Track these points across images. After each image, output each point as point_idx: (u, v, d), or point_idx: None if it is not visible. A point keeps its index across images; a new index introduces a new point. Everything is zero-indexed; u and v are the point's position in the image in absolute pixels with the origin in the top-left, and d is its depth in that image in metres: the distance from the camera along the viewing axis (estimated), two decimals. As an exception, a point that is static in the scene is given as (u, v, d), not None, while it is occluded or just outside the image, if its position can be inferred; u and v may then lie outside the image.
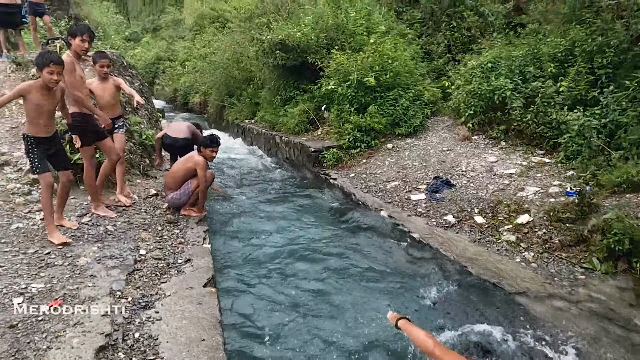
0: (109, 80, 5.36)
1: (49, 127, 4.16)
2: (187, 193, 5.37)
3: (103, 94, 5.31)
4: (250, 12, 11.46)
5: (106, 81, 5.33)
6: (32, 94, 3.96)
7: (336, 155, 7.89)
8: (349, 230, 5.69)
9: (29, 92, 3.94)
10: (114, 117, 5.40)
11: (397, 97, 8.04)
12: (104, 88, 5.31)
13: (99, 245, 4.23)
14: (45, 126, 4.12)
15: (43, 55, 3.97)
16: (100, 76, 5.27)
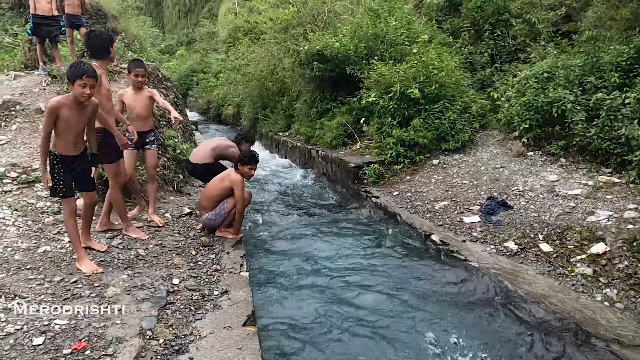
0: (144, 90, 5.08)
1: (78, 145, 3.86)
2: (223, 214, 5.01)
3: (135, 105, 5.02)
4: (286, 23, 11.19)
5: (140, 92, 5.05)
6: (62, 110, 3.67)
7: (377, 172, 7.42)
8: (396, 255, 5.21)
9: (59, 108, 3.65)
10: (144, 130, 5.10)
11: (443, 110, 7.52)
12: (136, 99, 5.03)
13: (129, 272, 3.89)
14: (74, 144, 3.82)
15: (75, 66, 3.67)
16: (135, 86, 5.00)
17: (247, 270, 4.31)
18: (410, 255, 5.19)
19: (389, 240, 5.66)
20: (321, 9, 11.23)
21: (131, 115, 5.08)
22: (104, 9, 16.56)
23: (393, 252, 5.32)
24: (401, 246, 5.46)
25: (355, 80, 9.02)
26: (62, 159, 3.76)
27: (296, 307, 4.05)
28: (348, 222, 6.44)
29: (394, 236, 5.75)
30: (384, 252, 5.33)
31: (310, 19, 10.95)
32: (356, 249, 5.46)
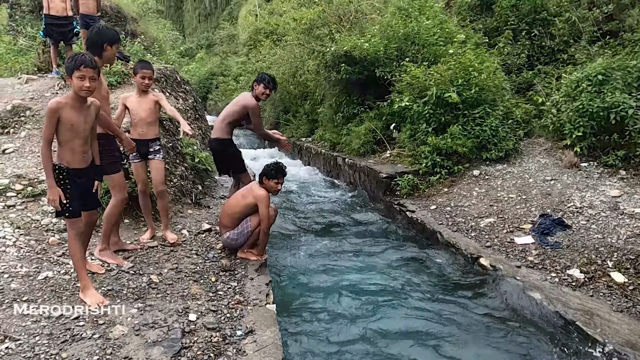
0: (149, 94, 4.57)
1: (86, 155, 3.38)
2: (246, 233, 4.47)
3: (139, 109, 4.50)
4: (310, 24, 10.68)
5: (145, 95, 4.53)
6: (64, 110, 3.20)
7: (412, 183, 6.81)
8: (440, 282, 4.61)
9: (60, 108, 3.17)
10: (148, 138, 4.58)
11: (484, 116, 6.88)
12: (140, 102, 4.51)
13: (140, 305, 3.37)
14: (82, 153, 3.36)
15: (73, 57, 3.19)
16: (140, 89, 4.49)
17: (273, 302, 3.75)
18: (456, 282, 4.57)
19: (430, 263, 5.06)
20: (347, 8, 10.67)
21: (134, 120, 4.54)
22: (123, 11, 16.32)
23: (435, 277, 4.72)
24: (444, 270, 4.85)
25: (384, 83, 8.43)
26: (70, 173, 3.27)
27: (329, 349, 3.48)
28: (381, 239, 5.86)
29: (434, 258, 5.15)
30: (425, 277, 4.73)
31: (335, 19, 10.40)
32: (393, 272, 4.87)
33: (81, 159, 3.35)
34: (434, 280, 4.68)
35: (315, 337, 3.66)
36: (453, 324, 3.84)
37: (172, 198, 5.68)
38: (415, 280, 4.69)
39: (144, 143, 4.54)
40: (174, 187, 5.82)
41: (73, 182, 3.30)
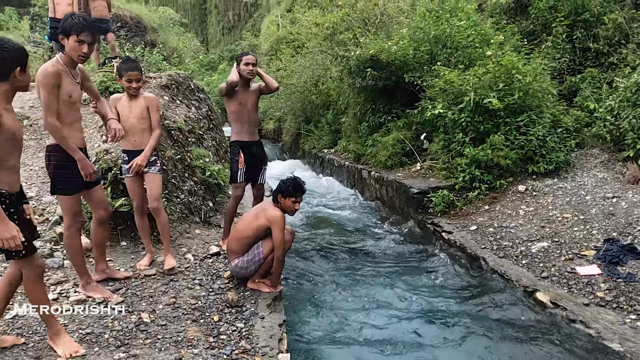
0: (139, 97, 3.95)
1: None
2: (257, 260, 3.80)
3: (128, 114, 3.88)
4: (333, 29, 10.07)
5: (135, 99, 3.92)
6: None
7: (447, 199, 6.04)
8: (489, 322, 3.83)
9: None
10: (142, 148, 3.96)
11: (529, 124, 6.08)
12: (130, 106, 3.89)
13: (122, 355, 2.72)
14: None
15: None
16: (128, 93, 3.88)
17: (288, 351, 3.05)
18: (509, 322, 3.79)
19: (473, 297, 4.28)
20: (372, 12, 10.04)
21: (125, 126, 3.86)
22: (143, 21, 16.11)
23: (482, 316, 3.94)
24: (493, 306, 4.06)
25: (414, 89, 7.72)
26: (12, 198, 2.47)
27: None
28: (414, 266, 5.11)
29: (479, 291, 4.37)
30: (466, 314, 3.96)
31: (360, 23, 9.77)
32: (430, 306, 4.12)
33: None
34: (478, 314, 3.91)
35: None
36: None
37: (178, 216, 5.08)
38: (454, 313, 3.94)
39: (138, 154, 3.94)
40: (180, 204, 5.21)
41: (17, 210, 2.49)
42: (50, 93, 2.91)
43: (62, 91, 2.98)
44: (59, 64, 3.00)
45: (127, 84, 3.78)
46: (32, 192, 4.52)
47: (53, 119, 2.94)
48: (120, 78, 3.81)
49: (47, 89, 2.89)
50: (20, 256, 2.46)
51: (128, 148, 3.92)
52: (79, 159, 3.08)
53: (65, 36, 2.96)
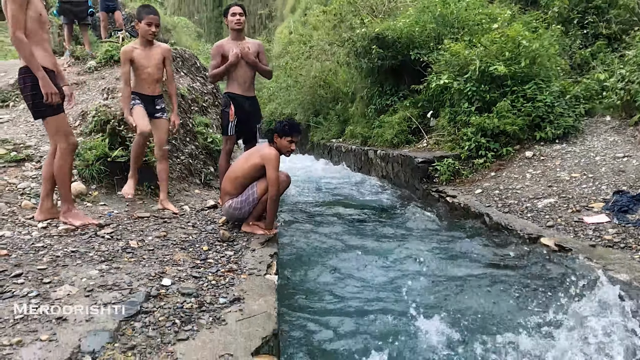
0: (155, 46, 3.99)
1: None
2: (251, 201, 3.71)
3: (147, 63, 3.96)
4: (340, 16, 10.09)
5: (151, 47, 3.97)
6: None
7: (452, 168, 5.92)
8: (490, 269, 3.67)
9: None
10: (155, 94, 4.02)
11: (537, 92, 5.95)
12: (148, 56, 3.95)
13: (104, 267, 2.66)
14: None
15: None
16: (146, 39, 3.91)
17: (276, 273, 2.96)
18: (514, 268, 3.63)
19: (476, 248, 4.13)
20: (380, 1, 10.03)
21: (141, 77, 4.00)
22: (157, 21, 16.43)
23: (484, 264, 3.79)
24: (498, 256, 3.90)
25: (420, 66, 7.64)
26: None
27: (341, 337, 2.63)
28: (415, 228, 4.96)
29: (481, 243, 4.22)
30: (468, 264, 3.80)
31: (368, 10, 9.77)
32: (430, 258, 3.97)
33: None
34: (480, 263, 3.76)
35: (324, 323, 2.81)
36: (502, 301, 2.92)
37: (177, 175, 5.06)
38: (454, 263, 3.78)
39: (150, 100, 4.00)
40: (180, 165, 5.19)
41: None
42: (19, 7, 2.82)
43: (32, 8, 2.91)
44: None
45: (146, 27, 3.86)
46: (31, 142, 4.53)
47: (21, 34, 2.84)
48: (140, 22, 3.85)
49: (16, 3, 2.81)
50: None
51: (140, 92, 3.98)
52: (41, 77, 2.94)
53: None
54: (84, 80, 5.91)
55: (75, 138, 3.37)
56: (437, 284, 3.37)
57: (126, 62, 3.94)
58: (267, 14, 48.68)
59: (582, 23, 8.38)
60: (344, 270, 3.67)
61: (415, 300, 2.99)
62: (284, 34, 22.57)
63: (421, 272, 3.61)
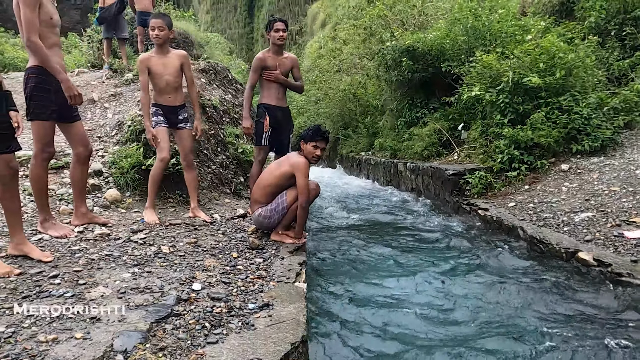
0: (170, 53, 4.03)
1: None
2: (281, 210, 3.73)
3: (163, 71, 3.97)
4: (370, 29, 10.14)
5: (167, 54, 4.01)
6: None
7: (484, 181, 5.80)
8: (524, 284, 3.55)
9: None
10: (176, 104, 4.05)
11: (572, 104, 5.79)
12: (164, 63, 3.98)
13: (137, 270, 2.71)
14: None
15: None
16: (157, 44, 3.95)
17: (305, 281, 2.94)
18: (550, 285, 3.50)
19: (508, 262, 4.01)
20: (411, 13, 10.04)
21: (160, 85, 4.01)
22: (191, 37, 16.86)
23: (519, 279, 3.67)
24: (532, 271, 3.78)
25: (451, 79, 7.57)
26: None
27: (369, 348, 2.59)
28: (445, 240, 4.87)
29: (515, 257, 4.09)
30: (500, 277, 3.69)
31: (398, 24, 9.79)
32: (460, 272, 3.88)
33: None
34: (508, 273, 3.65)
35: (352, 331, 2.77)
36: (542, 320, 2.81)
37: (208, 184, 5.13)
38: (487, 275, 3.68)
39: (171, 110, 4.04)
40: (211, 174, 5.27)
41: None
42: (33, 11, 2.83)
43: (43, 11, 2.93)
44: None
45: (151, 32, 3.90)
46: (70, 150, 4.68)
47: (36, 37, 2.87)
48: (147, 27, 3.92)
49: (29, 7, 2.82)
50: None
51: (161, 103, 4.00)
52: (63, 79, 2.96)
53: None
54: (120, 92, 6.11)
55: (54, 149, 3.29)
56: (467, 299, 3.28)
57: (143, 71, 3.95)
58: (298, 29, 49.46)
59: (619, 34, 8.15)
60: (373, 280, 3.62)
61: (445, 315, 2.92)
62: (314, 49, 22.83)
63: (450, 285, 3.52)
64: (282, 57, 4.64)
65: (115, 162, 4.37)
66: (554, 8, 9.91)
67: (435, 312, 2.97)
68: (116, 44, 7.62)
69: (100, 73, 6.87)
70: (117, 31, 7.15)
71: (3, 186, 2.62)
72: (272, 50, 4.61)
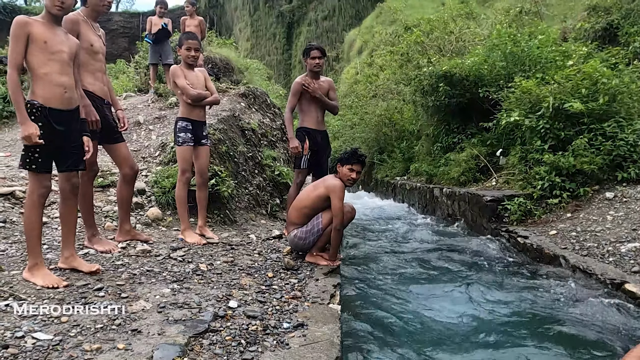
0: (196, 70, 4.16)
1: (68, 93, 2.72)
2: (316, 232, 3.76)
3: (198, 84, 4.08)
4: (407, 55, 10.23)
5: (193, 71, 4.12)
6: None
7: (523, 207, 5.66)
8: (570, 321, 3.41)
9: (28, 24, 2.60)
10: (203, 120, 4.17)
11: (617, 130, 5.62)
12: (197, 77, 4.10)
13: (176, 286, 2.78)
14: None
15: None
16: (186, 62, 4.06)
17: (340, 303, 2.94)
18: (593, 316, 3.36)
19: (549, 292, 3.87)
20: (448, 39, 10.09)
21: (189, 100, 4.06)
22: (231, 63, 17.46)
23: (559, 311, 3.53)
24: (570, 301, 3.64)
25: (489, 104, 7.50)
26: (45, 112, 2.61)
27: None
28: (483, 269, 4.75)
29: (556, 285, 3.95)
30: (540, 309, 3.56)
31: (435, 50, 9.84)
32: (499, 302, 3.76)
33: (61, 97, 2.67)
34: (549, 305, 3.52)
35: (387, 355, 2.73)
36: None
37: (245, 205, 5.23)
38: (527, 306, 3.56)
39: (198, 125, 4.13)
40: (248, 195, 5.38)
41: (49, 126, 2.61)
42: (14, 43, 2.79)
43: (83, 39, 3.07)
44: (79, 14, 3.15)
45: (186, 52, 3.97)
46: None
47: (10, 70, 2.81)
48: (180, 47, 4.04)
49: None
50: (31, 168, 2.57)
51: (192, 118, 4.06)
52: (85, 104, 3.02)
53: None
54: (165, 114, 6.38)
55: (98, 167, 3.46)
56: (509, 332, 3.18)
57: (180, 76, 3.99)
58: (335, 56, 50.30)
59: (667, 59, 7.91)
60: (407, 304, 3.57)
61: (480, 343, 2.85)
62: (350, 74, 23.11)
63: (487, 314, 3.43)
64: (318, 81, 4.76)
65: (157, 182, 4.54)
66: (596, 34, 9.72)
67: (468, 338, 2.90)
68: (162, 70, 7.98)
69: (146, 97, 7.20)
70: (162, 57, 7.51)
71: (63, 201, 2.81)
72: (309, 75, 4.73)
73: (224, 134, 5.41)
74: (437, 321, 3.27)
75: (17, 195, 3.87)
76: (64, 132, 2.68)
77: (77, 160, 2.78)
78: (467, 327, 3.12)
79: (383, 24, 23.18)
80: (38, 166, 2.56)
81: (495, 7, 14.36)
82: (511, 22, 9.93)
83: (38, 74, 2.59)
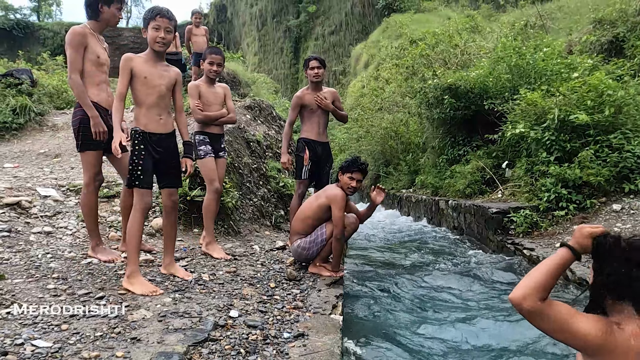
0: (217, 85, 4.20)
1: (164, 118, 3.05)
2: (319, 242, 3.75)
3: (213, 100, 4.10)
4: (413, 69, 10.28)
5: (214, 85, 4.15)
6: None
7: (529, 220, 5.61)
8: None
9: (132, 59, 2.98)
10: (221, 133, 4.19)
11: (623, 142, 5.59)
12: (212, 93, 4.12)
13: (177, 296, 2.78)
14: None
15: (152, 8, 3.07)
16: (208, 77, 4.11)
17: (342, 314, 2.92)
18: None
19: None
20: (453, 52, 10.13)
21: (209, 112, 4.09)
22: (238, 76, 17.64)
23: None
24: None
25: (494, 117, 7.50)
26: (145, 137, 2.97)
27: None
28: (488, 281, 4.70)
29: (562, 299, 3.90)
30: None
31: (440, 63, 9.88)
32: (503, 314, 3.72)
33: (157, 122, 3.00)
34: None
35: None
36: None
37: (249, 216, 5.23)
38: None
39: (216, 139, 4.17)
40: (252, 206, 5.38)
41: (148, 148, 2.97)
42: (76, 51, 3.08)
43: (90, 51, 3.14)
44: (86, 27, 3.21)
45: (208, 66, 4.02)
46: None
47: (76, 76, 3.09)
48: (203, 61, 4.09)
49: (73, 47, 3.08)
50: (135, 185, 2.91)
51: (209, 131, 4.11)
52: (92, 115, 3.09)
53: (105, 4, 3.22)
54: (172, 127, 6.42)
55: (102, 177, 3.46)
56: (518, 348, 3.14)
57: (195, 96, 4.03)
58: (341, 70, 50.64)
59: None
60: (410, 317, 3.53)
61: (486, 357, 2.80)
62: (357, 88, 23.21)
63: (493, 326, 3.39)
64: (320, 92, 4.74)
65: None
66: (602, 47, 9.71)
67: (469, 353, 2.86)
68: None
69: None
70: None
71: (166, 215, 3.21)
72: (310, 87, 4.73)
73: (229, 146, 5.44)
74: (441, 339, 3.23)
75: (23, 205, 3.90)
76: (162, 152, 3.02)
77: (175, 178, 3.18)
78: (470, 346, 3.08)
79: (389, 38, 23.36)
80: (140, 182, 2.90)
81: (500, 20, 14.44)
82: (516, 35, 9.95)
83: (139, 104, 2.98)
